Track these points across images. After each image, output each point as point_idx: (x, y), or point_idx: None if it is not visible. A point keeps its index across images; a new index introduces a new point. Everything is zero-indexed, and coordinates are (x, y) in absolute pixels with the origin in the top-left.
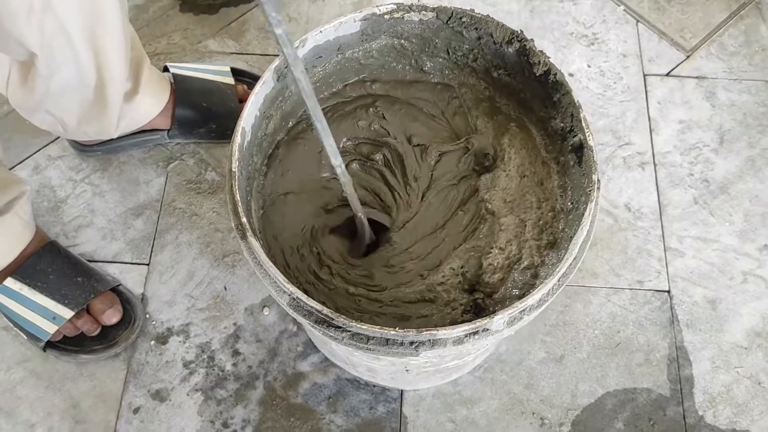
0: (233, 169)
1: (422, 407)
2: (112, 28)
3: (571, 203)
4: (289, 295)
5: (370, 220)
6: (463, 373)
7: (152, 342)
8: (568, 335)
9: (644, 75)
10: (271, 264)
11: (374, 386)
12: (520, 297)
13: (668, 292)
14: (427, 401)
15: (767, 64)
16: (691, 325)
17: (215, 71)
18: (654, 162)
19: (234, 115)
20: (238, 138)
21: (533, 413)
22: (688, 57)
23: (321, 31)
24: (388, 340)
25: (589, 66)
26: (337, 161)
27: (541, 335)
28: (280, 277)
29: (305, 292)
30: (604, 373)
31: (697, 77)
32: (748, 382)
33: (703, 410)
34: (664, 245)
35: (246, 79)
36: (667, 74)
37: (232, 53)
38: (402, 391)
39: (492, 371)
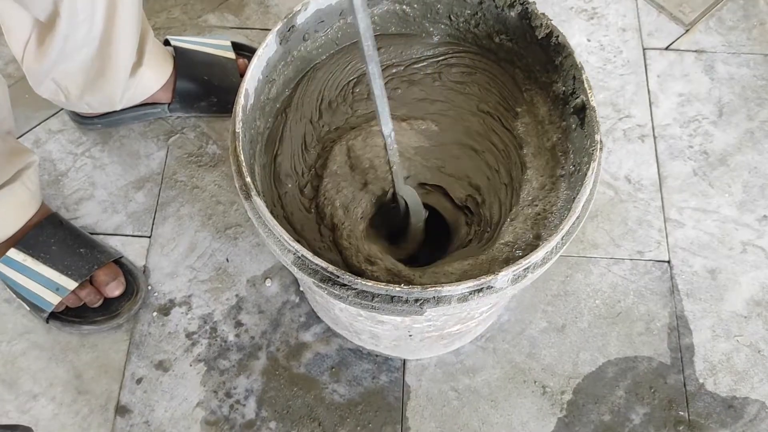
0: (237, 130)
1: (425, 376)
2: None
3: (573, 166)
4: (294, 253)
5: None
6: (465, 342)
7: (155, 313)
8: (569, 305)
9: (643, 49)
10: (275, 223)
11: (377, 356)
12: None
13: (668, 262)
14: (429, 370)
15: (765, 38)
16: (691, 294)
17: (216, 45)
18: (654, 134)
19: (235, 89)
20: (241, 99)
21: (535, 382)
22: (687, 31)
23: None
24: (393, 297)
25: (588, 40)
26: (387, 130)
27: (542, 305)
28: (285, 236)
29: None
30: (605, 342)
31: (696, 51)
32: (747, 351)
33: (703, 378)
34: (664, 216)
35: (246, 53)
36: (667, 48)
37: (232, 28)
38: (405, 360)
39: (494, 340)
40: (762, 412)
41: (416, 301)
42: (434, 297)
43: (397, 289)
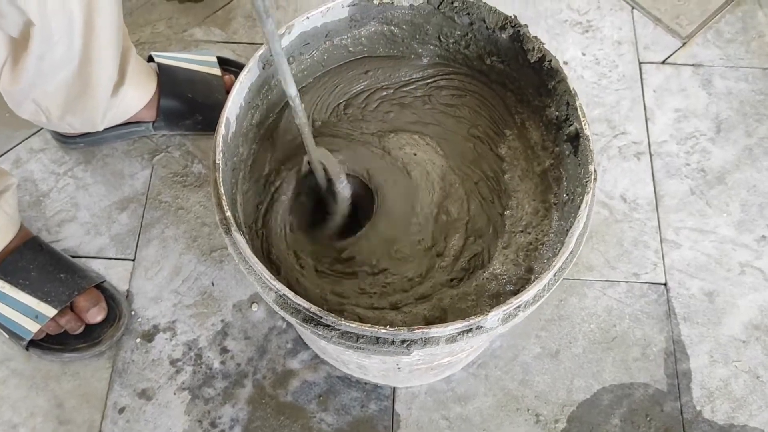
0: (217, 161)
1: (415, 405)
2: (108, 14)
3: (567, 195)
4: (276, 292)
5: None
6: (457, 370)
7: (138, 339)
8: (563, 330)
9: (640, 63)
10: (256, 260)
11: (366, 383)
12: (515, 293)
13: (665, 284)
14: (420, 399)
15: (764, 51)
16: (688, 318)
17: (201, 61)
18: (650, 152)
19: (220, 107)
20: (222, 129)
21: (528, 410)
22: (684, 44)
23: (308, 17)
24: (378, 338)
25: (583, 54)
26: (292, 91)
27: (535, 330)
28: (266, 274)
29: (291, 286)
30: (600, 368)
31: (693, 65)
32: (746, 377)
33: (700, 405)
34: (661, 237)
35: (233, 68)
36: (663, 62)
37: (219, 42)
38: (394, 388)
39: (486, 367)
40: None
41: (403, 342)
42: (421, 338)
43: (383, 331)
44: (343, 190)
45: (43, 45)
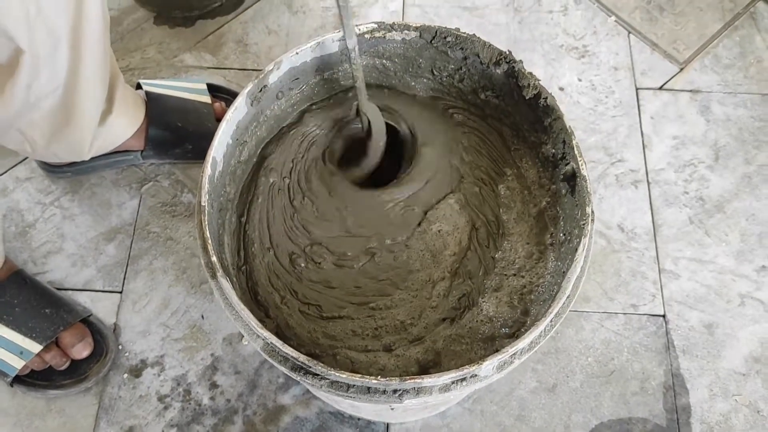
0: (203, 203)
1: None
2: (96, 42)
3: (563, 234)
4: (263, 340)
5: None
6: (451, 405)
7: (125, 375)
8: (560, 363)
9: (636, 89)
10: (242, 306)
11: (359, 419)
12: (510, 335)
13: (663, 316)
14: None
15: (763, 77)
16: (687, 351)
17: (191, 89)
18: (647, 180)
19: (211, 135)
20: (208, 169)
21: None
22: (681, 69)
23: (297, 53)
24: (369, 388)
25: (579, 80)
26: (351, 43)
27: (532, 363)
28: (253, 321)
29: (280, 329)
30: (598, 402)
31: (691, 90)
32: (746, 411)
33: None
34: (659, 267)
35: (223, 95)
36: (660, 88)
37: (209, 68)
38: (388, 424)
39: (481, 402)
40: None
41: (395, 392)
42: (414, 388)
43: (374, 381)
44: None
45: (31, 73)
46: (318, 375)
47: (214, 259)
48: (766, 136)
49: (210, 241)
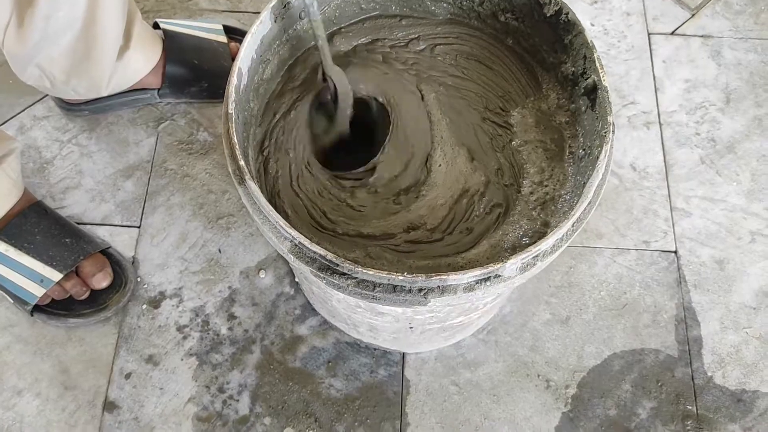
0: (230, 111)
1: (425, 370)
2: None
3: (583, 150)
4: (291, 240)
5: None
6: (467, 335)
7: (144, 306)
8: (573, 296)
9: (648, 34)
10: (271, 208)
11: (375, 349)
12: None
13: (675, 252)
14: (429, 364)
15: None
16: (698, 285)
17: (207, 29)
18: (659, 121)
19: (226, 74)
20: (234, 79)
21: (538, 375)
22: (693, 15)
23: None
24: (395, 286)
25: (592, 25)
26: None
27: (545, 296)
28: (281, 222)
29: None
30: (611, 334)
31: (702, 36)
32: (757, 343)
33: (711, 371)
34: (671, 205)
35: (238, 37)
36: (672, 33)
37: (224, 11)
38: (404, 354)
39: (496, 333)
40: None
41: (420, 290)
42: (439, 286)
43: (400, 277)
44: (347, 109)
45: (50, 4)
46: (345, 274)
47: (242, 163)
48: None
49: (237, 147)
